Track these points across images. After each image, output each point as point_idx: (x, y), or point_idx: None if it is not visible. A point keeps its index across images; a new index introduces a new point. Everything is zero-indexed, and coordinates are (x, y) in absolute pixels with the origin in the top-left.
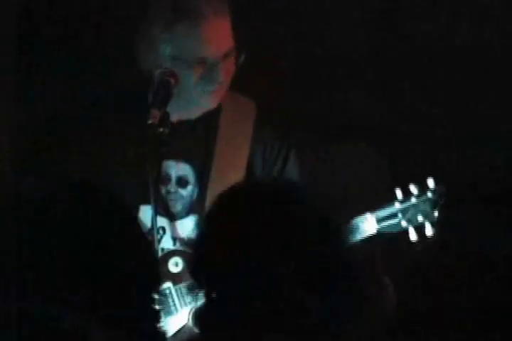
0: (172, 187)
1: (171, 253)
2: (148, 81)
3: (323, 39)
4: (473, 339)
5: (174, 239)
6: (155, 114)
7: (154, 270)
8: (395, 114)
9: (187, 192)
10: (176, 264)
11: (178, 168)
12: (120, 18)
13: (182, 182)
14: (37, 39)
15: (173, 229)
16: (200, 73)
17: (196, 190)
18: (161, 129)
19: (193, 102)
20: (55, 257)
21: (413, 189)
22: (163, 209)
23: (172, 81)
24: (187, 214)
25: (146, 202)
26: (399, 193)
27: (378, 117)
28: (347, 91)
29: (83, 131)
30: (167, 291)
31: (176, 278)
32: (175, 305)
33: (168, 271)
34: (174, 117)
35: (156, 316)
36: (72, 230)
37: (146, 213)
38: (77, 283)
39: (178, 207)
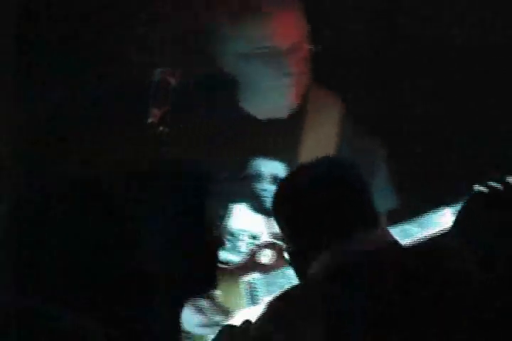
0: (265, 184)
1: (263, 246)
2: (148, 80)
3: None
4: None
5: (272, 234)
6: (155, 113)
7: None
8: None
9: None
10: (267, 256)
11: (270, 166)
12: (120, 17)
13: (274, 180)
14: (37, 39)
15: (270, 225)
16: (271, 66)
17: None
18: (161, 128)
19: (273, 99)
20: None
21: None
22: (258, 206)
23: (172, 80)
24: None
25: (241, 199)
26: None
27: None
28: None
29: (83, 130)
30: (255, 281)
31: (265, 269)
32: (259, 294)
33: (259, 263)
34: (260, 115)
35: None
36: (71, 230)
37: (241, 211)
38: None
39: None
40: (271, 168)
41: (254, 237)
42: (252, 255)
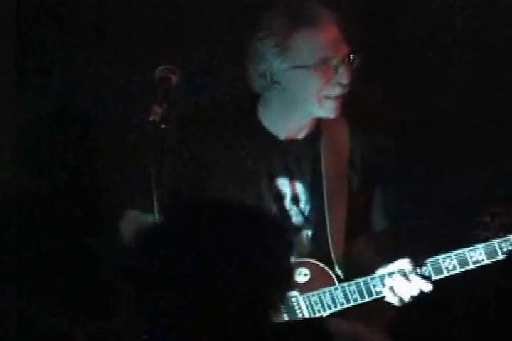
0: (287, 204)
1: (297, 264)
2: (149, 78)
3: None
4: None
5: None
6: (156, 111)
7: None
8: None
9: (299, 209)
10: (303, 274)
11: (292, 186)
12: (120, 17)
13: (296, 199)
14: (37, 39)
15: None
16: (324, 76)
17: (308, 207)
18: (163, 126)
19: (311, 112)
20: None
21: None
22: None
23: (173, 78)
24: (300, 230)
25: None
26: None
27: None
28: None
29: (83, 130)
30: (294, 300)
31: (303, 288)
32: (302, 313)
33: (295, 281)
34: (282, 135)
35: None
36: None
37: None
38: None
39: (294, 223)
40: (293, 188)
41: None
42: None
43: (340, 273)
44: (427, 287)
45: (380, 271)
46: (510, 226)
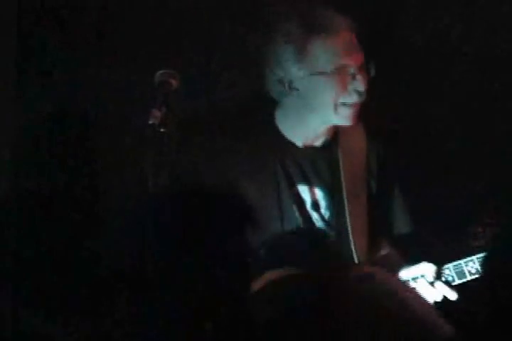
0: (308, 211)
1: None
2: (149, 82)
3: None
4: None
5: None
6: (155, 115)
7: None
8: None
9: (320, 215)
10: None
11: (311, 193)
12: (121, 20)
13: (316, 206)
14: (37, 40)
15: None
16: (341, 83)
17: (328, 213)
18: (163, 130)
19: (328, 119)
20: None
21: None
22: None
23: (173, 82)
24: (322, 236)
25: (288, 225)
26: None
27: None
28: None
29: (83, 131)
30: None
31: None
32: None
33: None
34: (300, 142)
35: None
36: (73, 231)
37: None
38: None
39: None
40: (313, 195)
41: None
42: None
43: None
44: (452, 295)
45: (403, 276)
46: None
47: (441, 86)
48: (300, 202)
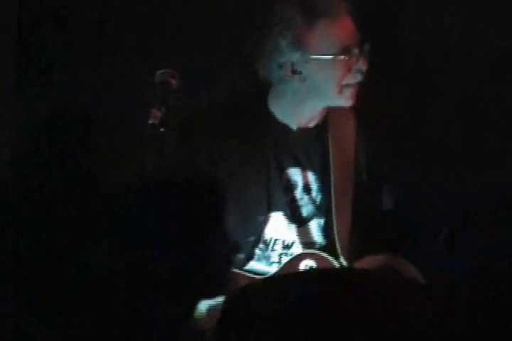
0: (298, 194)
1: (302, 256)
2: (149, 81)
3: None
4: None
5: (304, 243)
6: (155, 114)
7: None
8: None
9: (311, 198)
10: (307, 266)
11: (303, 176)
12: (121, 19)
13: (307, 189)
14: (37, 38)
15: (302, 234)
16: (346, 65)
17: (319, 196)
18: (162, 129)
19: (330, 101)
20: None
21: None
22: (291, 215)
23: (173, 82)
24: (310, 219)
25: (276, 209)
26: None
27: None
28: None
29: (83, 130)
30: None
31: None
32: None
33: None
34: (294, 125)
35: None
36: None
37: (277, 219)
38: None
39: (304, 213)
40: (304, 177)
41: (287, 247)
42: (290, 265)
43: (344, 264)
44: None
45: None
46: None
47: (438, 82)
48: (291, 184)
